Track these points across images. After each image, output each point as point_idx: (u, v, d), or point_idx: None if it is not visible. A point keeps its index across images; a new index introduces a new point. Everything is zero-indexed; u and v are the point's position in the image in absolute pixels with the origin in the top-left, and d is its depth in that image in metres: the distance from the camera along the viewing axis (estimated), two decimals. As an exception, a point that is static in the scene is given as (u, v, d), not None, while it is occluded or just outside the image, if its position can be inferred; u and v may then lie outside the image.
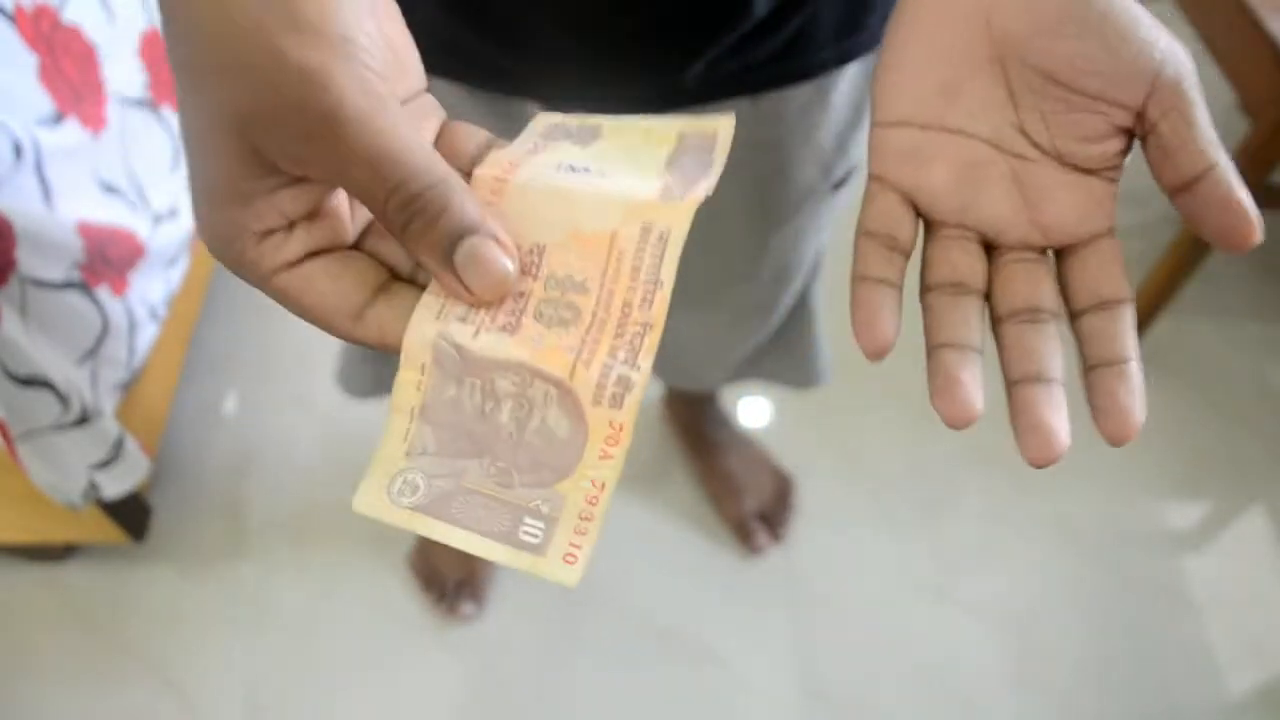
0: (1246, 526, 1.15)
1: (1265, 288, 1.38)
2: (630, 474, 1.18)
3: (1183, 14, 1.14)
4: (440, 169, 0.24)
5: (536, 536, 0.25)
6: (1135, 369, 0.27)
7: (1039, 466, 0.27)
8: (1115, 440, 0.27)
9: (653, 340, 0.24)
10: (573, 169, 0.27)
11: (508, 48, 0.48)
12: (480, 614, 1.07)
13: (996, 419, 1.22)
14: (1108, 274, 0.29)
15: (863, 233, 0.30)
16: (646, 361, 0.24)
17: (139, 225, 0.90)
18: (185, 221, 1.00)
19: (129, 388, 0.96)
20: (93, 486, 0.90)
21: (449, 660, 1.05)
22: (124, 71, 0.90)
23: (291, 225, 0.25)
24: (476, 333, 0.25)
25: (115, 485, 0.91)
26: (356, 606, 1.08)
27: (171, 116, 1.00)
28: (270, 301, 1.16)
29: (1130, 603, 1.09)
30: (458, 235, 0.24)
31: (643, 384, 0.24)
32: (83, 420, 0.84)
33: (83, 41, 0.84)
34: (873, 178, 0.31)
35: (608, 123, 0.29)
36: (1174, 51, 0.28)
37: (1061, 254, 0.30)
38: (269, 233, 0.25)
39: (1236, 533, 1.15)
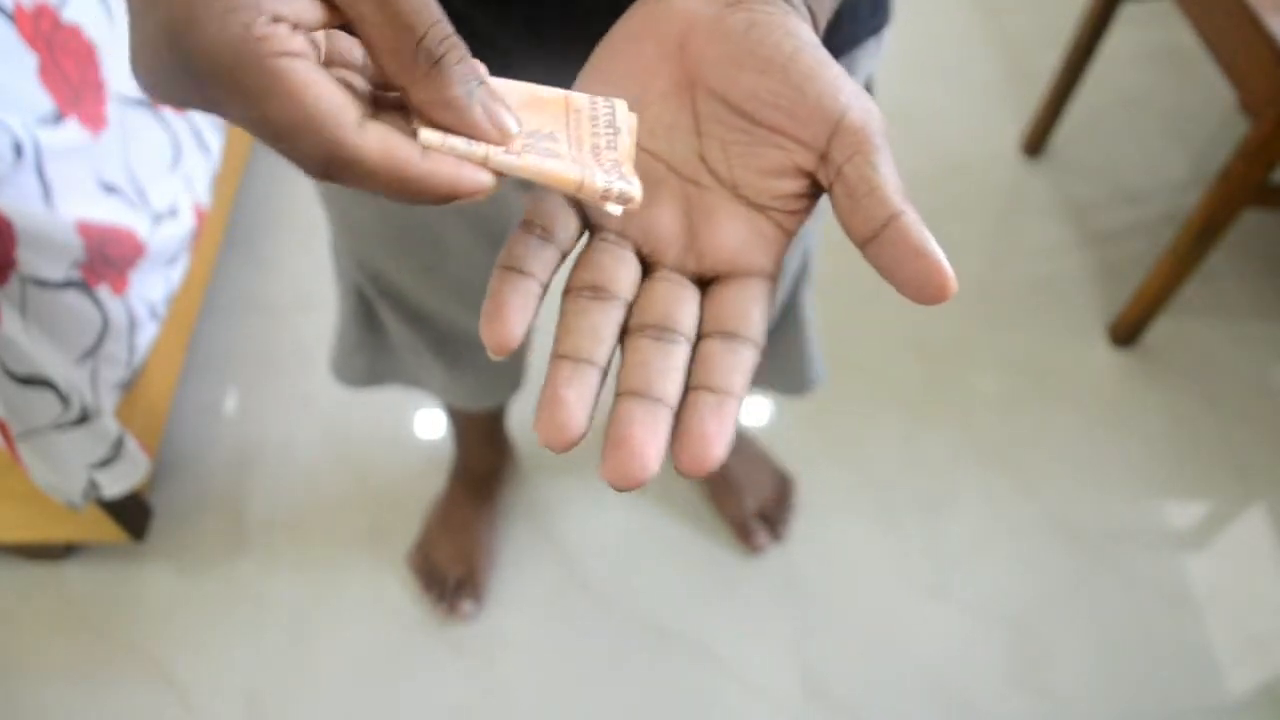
0: (1246, 526, 1.15)
1: (1266, 287, 1.38)
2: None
3: (1183, 13, 1.14)
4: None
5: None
6: (734, 407, 0.26)
7: (616, 486, 0.24)
8: (687, 468, 0.25)
9: (629, 169, 0.27)
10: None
11: (517, 31, 0.47)
12: (480, 612, 1.07)
13: (999, 419, 1.22)
14: (744, 310, 0.28)
15: (520, 223, 0.29)
16: (635, 179, 0.27)
17: (139, 224, 0.90)
18: (186, 220, 1.00)
19: (129, 387, 0.96)
20: (93, 485, 0.90)
21: (449, 659, 1.05)
22: (124, 71, 0.90)
23: (296, 29, 0.24)
24: (486, 155, 0.26)
25: (115, 484, 0.91)
26: (357, 605, 1.08)
27: (172, 116, 1.00)
28: (270, 300, 1.16)
29: (1130, 602, 1.09)
30: (479, 76, 0.25)
31: (639, 194, 0.27)
32: (83, 419, 0.84)
33: (82, 41, 0.84)
34: None
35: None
36: (861, 99, 0.28)
37: (711, 282, 0.29)
38: (279, 19, 0.23)
39: (1236, 533, 1.15)
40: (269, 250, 1.40)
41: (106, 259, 0.85)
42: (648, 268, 0.30)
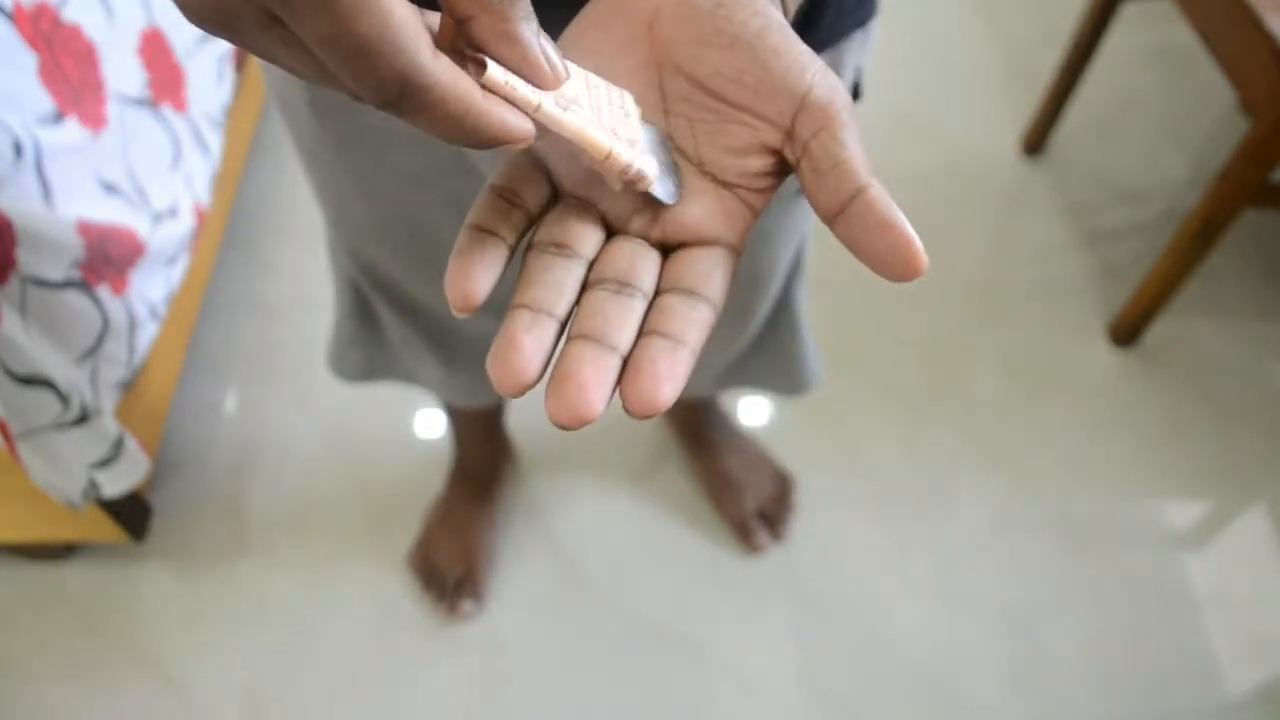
0: (1247, 526, 1.15)
1: (1265, 287, 1.38)
2: (629, 471, 1.18)
3: (1183, 13, 1.14)
4: None
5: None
6: (687, 357, 0.26)
7: (560, 422, 0.24)
8: (634, 406, 0.25)
9: (643, 149, 0.28)
10: None
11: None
12: (480, 612, 1.07)
13: (999, 419, 1.22)
14: (705, 271, 0.28)
15: (488, 186, 0.29)
16: (651, 158, 0.28)
17: (139, 224, 0.90)
18: (186, 220, 1.00)
19: (129, 386, 0.96)
20: (92, 485, 0.90)
21: (449, 659, 1.05)
22: (124, 70, 0.90)
23: None
24: (539, 104, 0.26)
25: (115, 484, 0.91)
26: (356, 605, 1.08)
27: (172, 115, 1.00)
28: (270, 300, 1.16)
29: (1130, 602, 1.09)
30: (536, 20, 0.25)
31: (654, 174, 0.28)
32: (83, 419, 0.84)
33: (82, 40, 0.84)
34: None
35: None
36: (826, 75, 0.28)
37: (674, 249, 0.29)
38: None
39: (1237, 532, 1.15)
40: (269, 250, 1.40)
41: (107, 258, 0.85)
42: (610, 234, 0.30)
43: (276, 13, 0.21)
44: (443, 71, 0.23)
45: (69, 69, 0.81)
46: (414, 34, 0.22)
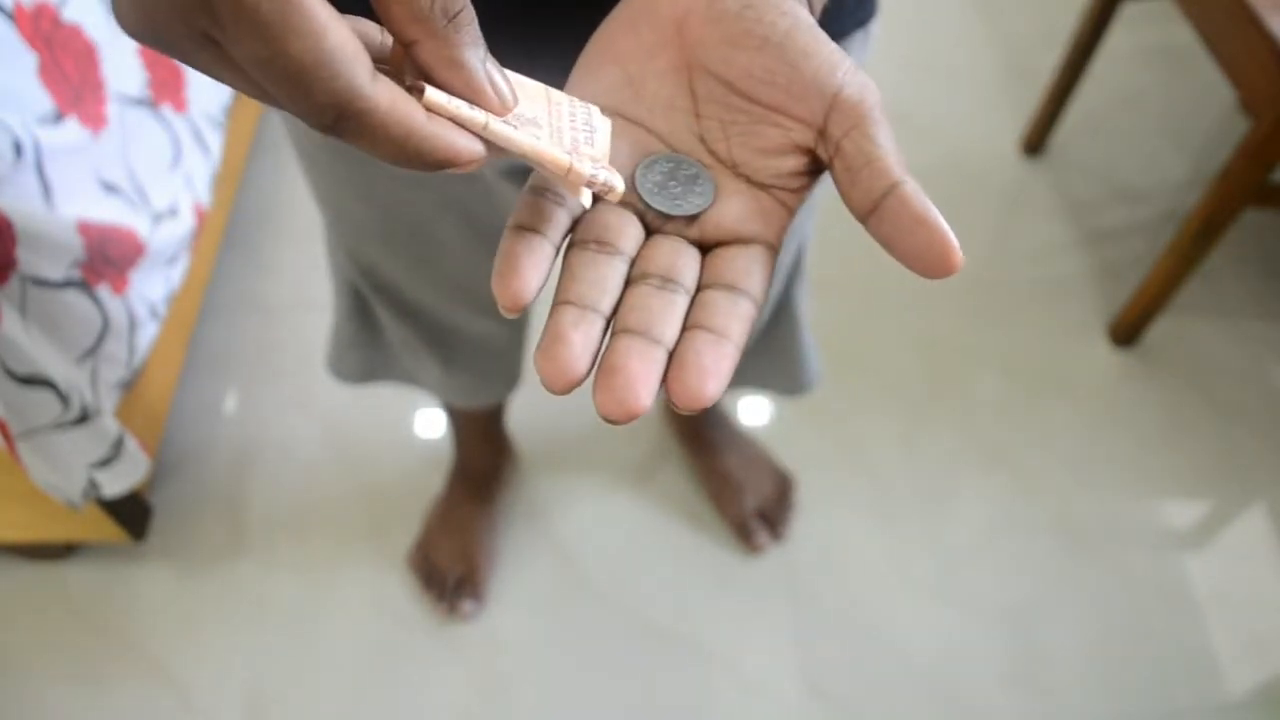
0: (1247, 526, 1.15)
1: (1265, 287, 1.38)
2: (629, 471, 1.18)
3: (1183, 13, 1.14)
4: None
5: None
6: (731, 351, 0.26)
7: (608, 415, 0.24)
8: (681, 399, 0.25)
9: (608, 167, 0.27)
10: None
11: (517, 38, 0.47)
12: (480, 612, 1.07)
13: (999, 419, 1.22)
14: (745, 268, 0.28)
15: (529, 188, 0.29)
16: (616, 174, 0.27)
17: (139, 224, 0.90)
18: (186, 220, 1.00)
19: (129, 386, 0.96)
20: (92, 485, 0.90)
21: (449, 659, 1.05)
22: (124, 70, 0.90)
23: None
24: (486, 123, 0.25)
25: (115, 484, 0.91)
26: (357, 605, 1.08)
27: (172, 116, 1.00)
28: (270, 300, 1.16)
29: (1130, 602, 1.09)
30: (485, 44, 0.25)
31: (622, 186, 0.27)
32: (83, 419, 0.84)
33: (83, 40, 0.84)
34: None
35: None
36: (857, 74, 0.28)
37: (713, 248, 0.29)
38: None
39: (1237, 532, 1.15)
40: (269, 250, 1.40)
41: (107, 258, 0.85)
42: (649, 234, 0.30)
43: (210, 33, 0.21)
44: (382, 94, 0.22)
45: (69, 69, 0.81)
46: (350, 56, 0.22)
